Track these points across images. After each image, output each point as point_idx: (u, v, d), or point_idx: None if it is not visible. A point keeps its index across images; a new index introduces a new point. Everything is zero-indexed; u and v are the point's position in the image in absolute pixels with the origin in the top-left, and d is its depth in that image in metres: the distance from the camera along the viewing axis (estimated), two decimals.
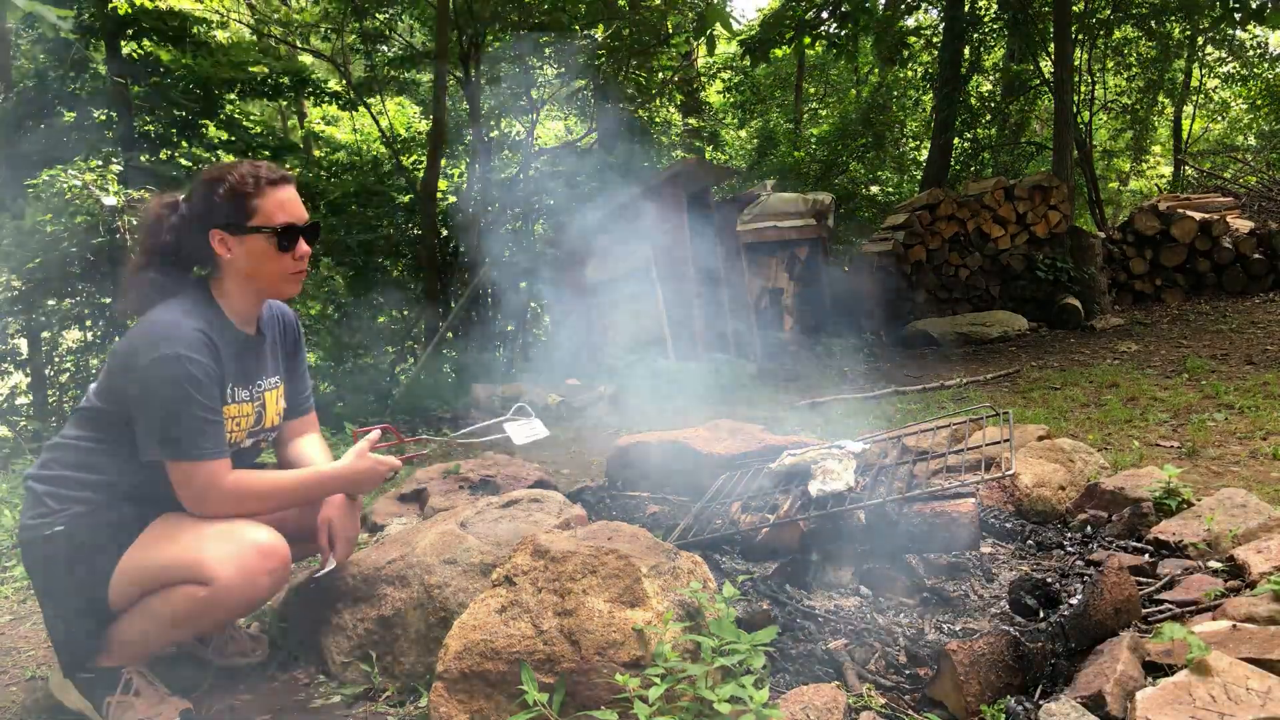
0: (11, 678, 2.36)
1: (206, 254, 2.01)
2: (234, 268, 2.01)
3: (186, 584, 1.86)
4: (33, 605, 2.89)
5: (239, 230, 1.98)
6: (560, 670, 1.65)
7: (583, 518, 2.55)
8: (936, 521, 2.35)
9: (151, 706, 1.95)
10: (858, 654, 1.99)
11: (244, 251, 1.99)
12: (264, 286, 2.06)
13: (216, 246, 1.99)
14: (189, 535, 1.91)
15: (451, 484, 3.32)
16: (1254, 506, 2.66)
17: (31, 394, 7.94)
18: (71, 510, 1.93)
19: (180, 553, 1.88)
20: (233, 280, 2.03)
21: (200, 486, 1.90)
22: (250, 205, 1.97)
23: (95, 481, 1.96)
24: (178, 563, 1.88)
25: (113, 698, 1.95)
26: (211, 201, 1.97)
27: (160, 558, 1.90)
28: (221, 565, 1.85)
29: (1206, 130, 17.33)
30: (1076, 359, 7.55)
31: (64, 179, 6.52)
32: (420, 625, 2.10)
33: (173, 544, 1.91)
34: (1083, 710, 1.63)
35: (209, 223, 1.98)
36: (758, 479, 2.95)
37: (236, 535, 1.90)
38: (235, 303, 2.05)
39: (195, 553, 1.86)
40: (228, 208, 1.97)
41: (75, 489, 1.96)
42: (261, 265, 2.00)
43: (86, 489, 1.96)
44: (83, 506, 1.94)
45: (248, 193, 1.97)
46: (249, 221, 1.97)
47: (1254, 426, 4.50)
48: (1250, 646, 1.81)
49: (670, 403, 7.15)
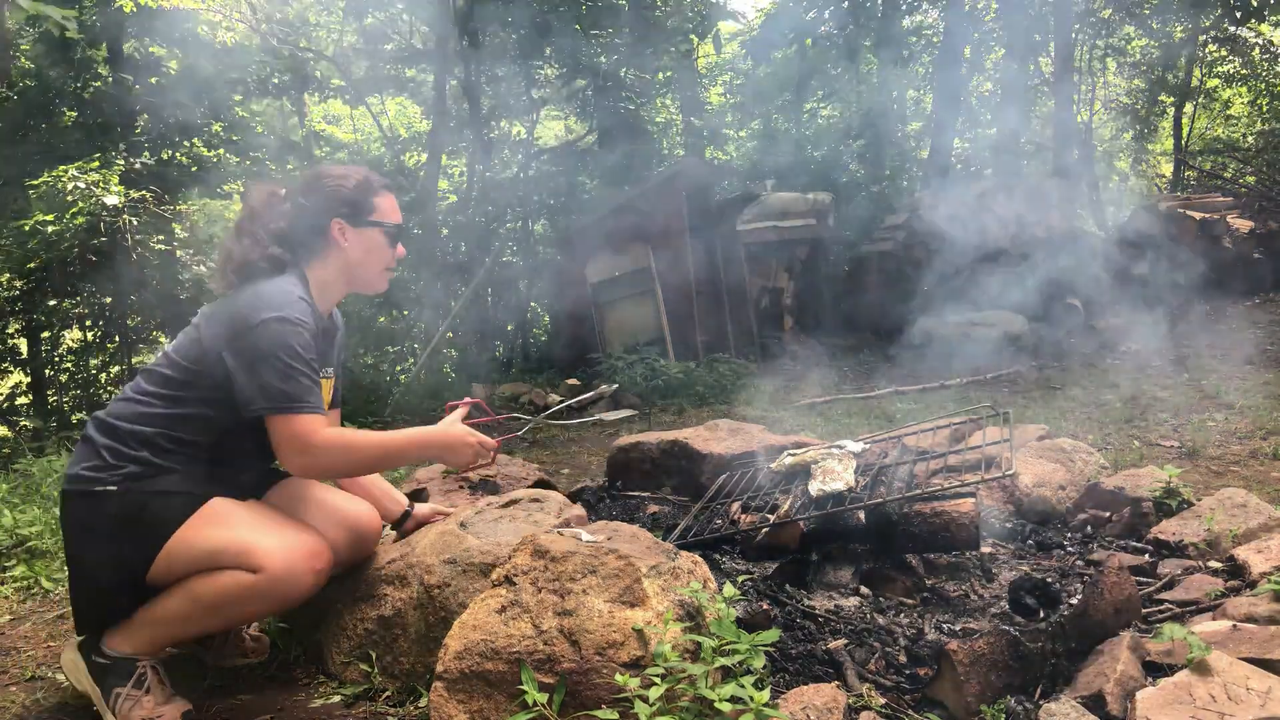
0: (11, 678, 2.36)
1: (314, 241, 2.13)
2: (343, 256, 2.15)
3: (235, 569, 1.87)
4: (33, 605, 2.89)
5: (358, 222, 2.14)
6: (560, 670, 1.65)
7: (583, 518, 2.54)
8: (936, 521, 2.35)
9: (158, 705, 1.95)
10: (858, 654, 1.99)
11: (359, 242, 2.15)
12: (364, 277, 2.20)
13: (334, 234, 2.13)
14: (243, 523, 1.93)
15: (451, 484, 3.31)
16: (1254, 506, 2.66)
17: (31, 394, 7.94)
18: (127, 470, 1.93)
19: (233, 538, 1.90)
20: (336, 268, 2.16)
21: (306, 439, 1.93)
22: (371, 202, 2.16)
23: (159, 443, 1.96)
24: (229, 548, 1.89)
25: (123, 689, 1.94)
26: (337, 193, 2.13)
27: (212, 540, 1.90)
28: (271, 556, 1.87)
29: (1207, 129, 17.32)
30: (1077, 359, 7.55)
31: (65, 179, 6.52)
32: (420, 625, 2.10)
33: (226, 529, 1.91)
34: (1083, 710, 1.63)
35: (331, 213, 2.12)
36: (758, 479, 2.95)
37: (289, 531, 1.95)
38: (328, 290, 2.17)
39: (248, 540, 1.89)
40: (351, 201, 2.14)
41: (136, 447, 1.95)
42: (369, 256, 2.17)
43: (147, 449, 1.95)
44: (140, 468, 1.93)
45: (371, 190, 2.16)
46: (369, 216, 2.15)
47: (1254, 426, 4.50)
48: (1250, 646, 1.81)
49: (670, 402, 7.16)
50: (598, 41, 10.96)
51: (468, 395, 7.33)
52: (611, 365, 7.76)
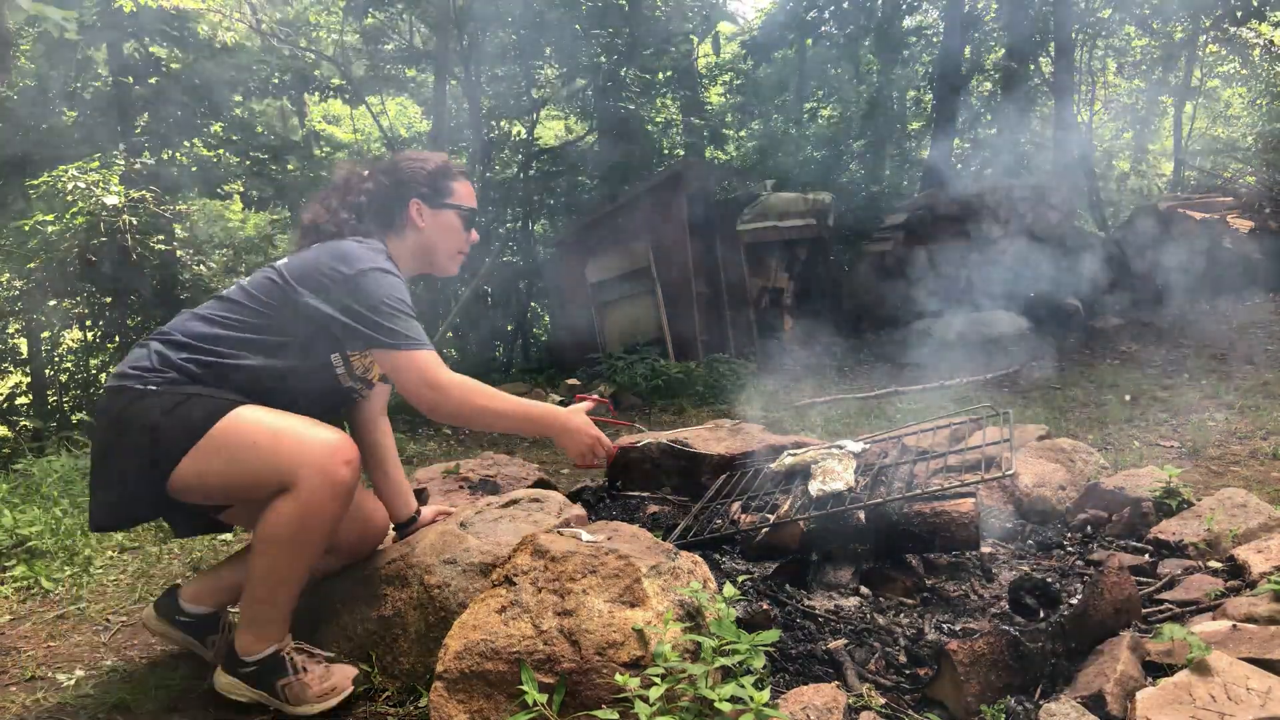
0: (11, 678, 2.36)
1: (393, 219, 2.21)
2: (419, 236, 2.23)
3: (274, 499, 1.89)
4: (33, 605, 2.89)
5: (436, 204, 2.23)
6: (560, 670, 1.65)
7: (583, 518, 2.55)
8: (936, 521, 2.35)
9: (322, 678, 2.01)
10: (858, 654, 1.99)
11: (436, 223, 2.24)
12: (436, 259, 2.28)
13: (412, 213, 2.22)
14: (269, 432, 1.91)
15: (451, 484, 3.32)
16: (1254, 506, 2.66)
17: (31, 394, 7.94)
18: (171, 375, 1.93)
19: (263, 449, 1.90)
20: (410, 248, 2.23)
21: (435, 374, 1.98)
22: (449, 185, 2.25)
23: (210, 363, 1.96)
24: (261, 456, 1.89)
25: (284, 679, 1.99)
26: (417, 175, 2.22)
27: (244, 444, 1.90)
28: (301, 469, 1.88)
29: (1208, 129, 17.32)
30: (1077, 359, 7.55)
31: (65, 179, 6.52)
32: (420, 625, 2.10)
33: (256, 436, 1.91)
34: (1083, 710, 1.63)
35: (410, 192, 2.21)
36: (757, 479, 2.95)
37: (305, 436, 1.92)
38: (402, 268, 2.20)
39: (271, 462, 1.89)
40: (431, 182, 2.23)
41: (186, 360, 1.95)
42: (443, 238, 2.26)
43: (194, 364, 1.95)
44: (182, 376, 1.93)
45: (449, 174, 2.26)
46: (446, 199, 2.24)
47: (1254, 426, 4.50)
48: (1250, 646, 1.81)
49: (670, 402, 7.16)
50: (598, 41, 10.96)
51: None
52: (611, 365, 7.76)
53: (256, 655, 2.00)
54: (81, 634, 2.66)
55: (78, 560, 3.24)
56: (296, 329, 2.02)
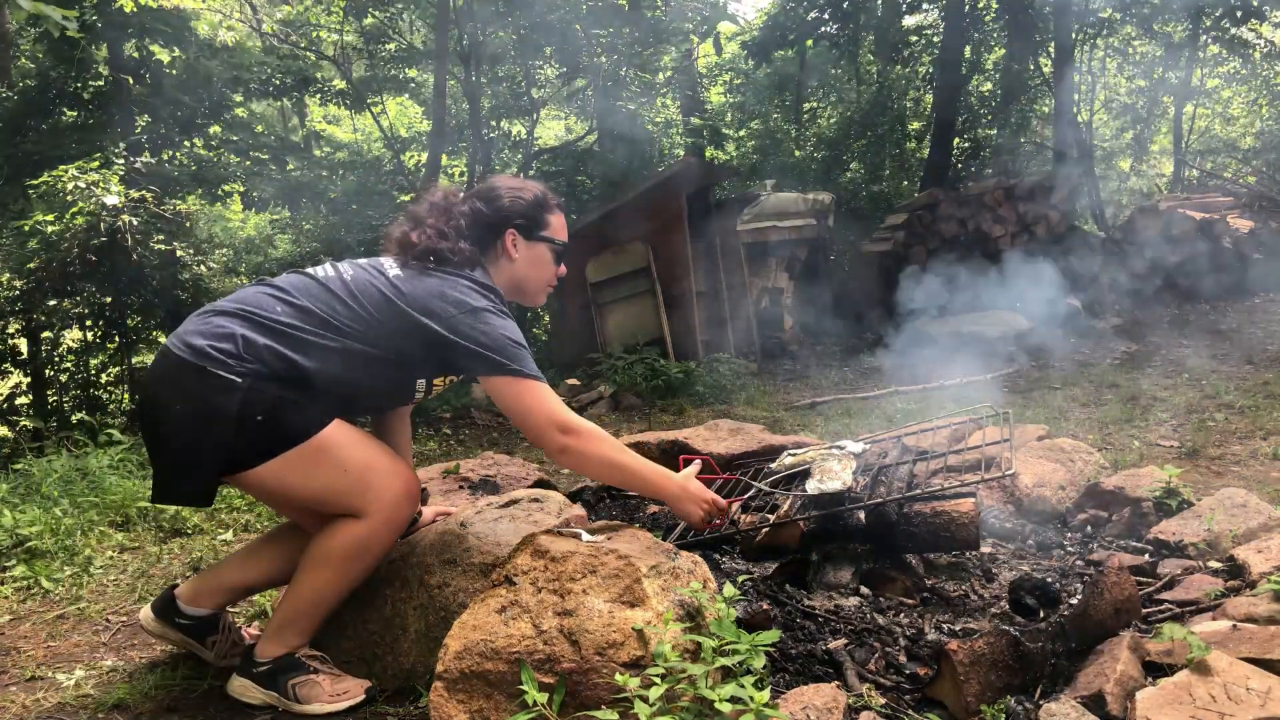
0: (11, 678, 2.36)
1: (486, 246, 2.18)
2: (511, 266, 2.21)
3: (340, 519, 1.97)
4: (33, 605, 2.89)
5: (531, 235, 2.21)
6: (560, 670, 1.65)
7: (583, 518, 2.54)
8: (936, 521, 2.35)
9: (334, 683, 2.03)
10: (858, 654, 1.99)
11: (528, 254, 2.21)
12: (526, 290, 2.26)
13: (508, 243, 2.19)
14: (357, 458, 1.97)
15: (451, 484, 3.32)
16: (1254, 506, 2.66)
17: (31, 394, 7.94)
18: (255, 367, 1.90)
19: (343, 488, 1.95)
20: (503, 277, 2.20)
21: (566, 420, 1.97)
22: (545, 218, 2.22)
23: (293, 356, 1.92)
24: (341, 494, 1.96)
25: (294, 678, 2.01)
26: (516, 205, 2.19)
27: (324, 483, 1.95)
28: (379, 500, 1.96)
29: (1207, 129, 17.32)
30: (1077, 359, 7.55)
31: (65, 179, 6.52)
32: (420, 625, 2.10)
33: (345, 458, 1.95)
34: (1083, 710, 1.63)
35: (507, 221, 2.18)
36: (759, 478, 2.95)
37: (389, 474, 1.99)
38: None
39: (356, 489, 1.96)
40: (528, 214, 2.20)
41: (268, 349, 1.92)
42: (535, 270, 2.23)
43: (276, 356, 1.92)
44: (265, 369, 1.90)
45: (546, 206, 2.23)
46: (541, 231, 2.22)
47: (1254, 426, 4.50)
48: (1250, 646, 1.81)
49: (670, 402, 7.15)
50: (598, 41, 10.96)
51: (467, 395, 7.33)
52: (611, 365, 7.76)
53: (272, 656, 2.03)
54: (81, 634, 2.66)
55: (78, 560, 3.24)
56: (400, 347, 2.00)
